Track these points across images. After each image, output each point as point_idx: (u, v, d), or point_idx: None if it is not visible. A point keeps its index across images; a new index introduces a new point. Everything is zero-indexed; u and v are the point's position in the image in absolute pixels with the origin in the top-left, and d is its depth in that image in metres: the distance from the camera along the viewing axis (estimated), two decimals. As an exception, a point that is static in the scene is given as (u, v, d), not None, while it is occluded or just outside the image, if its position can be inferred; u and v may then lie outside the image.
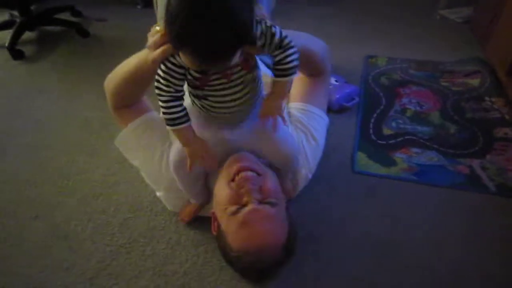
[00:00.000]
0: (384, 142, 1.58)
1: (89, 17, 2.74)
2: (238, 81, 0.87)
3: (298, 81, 1.26)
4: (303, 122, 1.22)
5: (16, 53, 2.23)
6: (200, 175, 1.10)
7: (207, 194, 1.17)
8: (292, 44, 0.84)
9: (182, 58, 0.77)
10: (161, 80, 0.84)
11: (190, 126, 0.91)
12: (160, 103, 0.87)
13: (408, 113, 1.74)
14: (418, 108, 1.77)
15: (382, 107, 1.78)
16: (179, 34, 0.69)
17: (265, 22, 0.81)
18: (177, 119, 0.88)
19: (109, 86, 1.14)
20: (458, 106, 1.77)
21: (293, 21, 2.57)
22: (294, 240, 1.02)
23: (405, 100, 1.82)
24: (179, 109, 0.87)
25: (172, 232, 1.24)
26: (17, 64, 2.20)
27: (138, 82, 1.06)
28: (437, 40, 2.36)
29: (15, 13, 2.42)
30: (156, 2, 1.66)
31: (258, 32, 0.79)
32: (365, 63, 2.12)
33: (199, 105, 0.93)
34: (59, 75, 2.10)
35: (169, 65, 0.82)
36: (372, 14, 2.72)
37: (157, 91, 0.85)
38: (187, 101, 0.92)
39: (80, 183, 1.43)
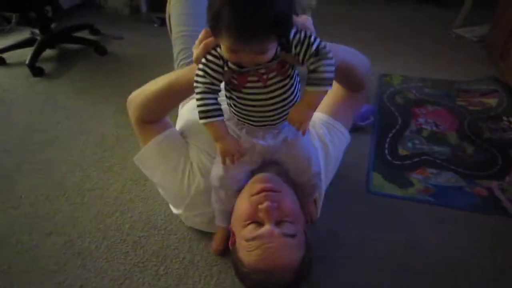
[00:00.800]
0: (400, 163, 1.56)
1: (107, 35, 2.80)
2: (274, 87, 0.88)
3: (332, 90, 1.22)
4: (325, 138, 1.21)
5: (36, 70, 2.29)
6: (240, 184, 1.08)
7: None
8: (331, 55, 0.83)
9: (221, 46, 0.79)
10: (199, 72, 0.86)
11: (223, 121, 0.91)
12: (196, 96, 0.87)
13: (425, 133, 1.72)
14: (434, 128, 1.75)
15: (397, 126, 1.77)
16: (218, 11, 0.71)
17: (306, 32, 0.82)
18: (210, 112, 0.88)
19: (135, 100, 1.16)
20: (475, 126, 1.75)
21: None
22: (308, 265, 1.00)
23: (421, 120, 1.81)
24: (213, 101, 0.88)
25: (185, 251, 1.23)
26: (36, 81, 2.26)
27: (167, 99, 1.10)
28: (453, 58, 2.35)
29: (36, 31, 2.49)
30: (170, 24, 1.70)
31: (296, 39, 0.81)
32: (379, 82, 2.11)
33: (234, 111, 0.95)
34: (77, 92, 2.14)
35: (208, 57, 0.85)
36: (386, 32, 2.72)
37: (194, 84, 0.87)
38: (223, 105, 0.93)
39: (95, 199, 1.44)
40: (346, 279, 1.15)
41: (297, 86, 0.93)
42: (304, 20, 0.88)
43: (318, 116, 1.25)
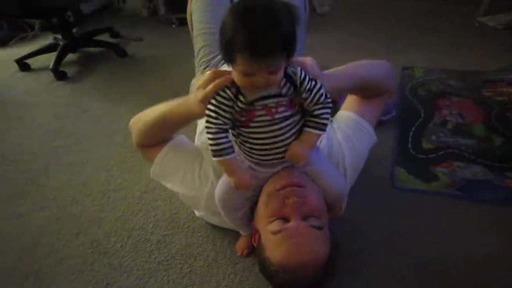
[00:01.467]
0: (424, 156, 1.53)
1: (127, 37, 2.84)
2: (282, 121, 0.90)
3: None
4: (350, 133, 1.20)
5: (59, 74, 2.34)
6: (242, 206, 1.10)
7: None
8: (330, 104, 0.92)
9: (234, 73, 0.83)
10: (211, 114, 0.89)
11: (235, 157, 0.93)
12: (209, 136, 0.90)
13: (449, 126, 1.68)
14: (460, 120, 1.70)
15: (420, 120, 1.73)
16: (232, 37, 0.76)
17: (317, 82, 0.89)
18: (224, 150, 0.90)
19: (136, 125, 1.20)
20: (503, 117, 1.69)
21: (328, 34, 2.56)
22: (334, 262, 0.99)
23: (445, 111, 1.76)
24: (225, 140, 0.90)
25: (209, 249, 1.24)
26: (60, 84, 2.31)
27: (162, 129, 1.15)
28: (477, 48, 2.28)
29: (59, 36, 2.55)
30: (191, 21, 1.71)
31: (307, 85, 0.88)
32: (401, 75, 2.07)
33: (243, 148, 0.98)
34: (100, 94, 2.18)
35: (219, 98, 0.88)
36: (407, 23, 2.66)
37: (206, 124, 0.90)
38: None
39: (120, 199, 1.47)
40: (370, 274, 1.13)
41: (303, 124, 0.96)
42: (308, 61, 0.94)
43: (345, 114, 1.25)
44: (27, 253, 1.29)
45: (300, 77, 0.88)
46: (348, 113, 1.25)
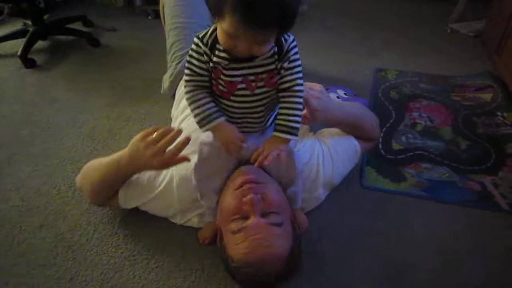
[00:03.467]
0: (393, 157, 1.56)
1: (101, 27, 2.77)
2: (260, 96, 0.93)
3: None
4: (329, 144, 1.28)
5: (28, 62, 2.26)
6: (217, 190, 1.10)
7: None
8: (301, 100, 0.93)
9: (218, 29, 0.82)
10: (186, 71, 0.92)
11: (224, 120, 0.95)
12: (188, 102, 0.93)
13: (419, 128, 1.72)
14: (428, 123, 1.75)
15: (391, 121, 1.76)
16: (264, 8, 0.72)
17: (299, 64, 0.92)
18: (213, 114, 0.93)
19: (84, 186, 1.24)
20: (469, 121, 1.75)
21: (305, 33, 2.57)
22: (298, 255, 1.00)
23: (415, 114, 1.80)
24: (211, 104, 0.93)
25: (177, 245, 1.23)
26: (28, 72, 2.23)
27: (105, 190, 1.21)
28: (448, 54, 2.34)
29: (28, 22, 2.45)
30: (163, 15, 1.68)
31: (292, 57, 0.89)
32: (374, 76, 2.11)
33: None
34: (69, 84, 2.11)
35: (192, 53, 0.90)
36: (383, 27, 2.71)
37: (184, 88, 0.94)
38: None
39: (87, 192, 1.43)
40: (338, 274, 1.14)
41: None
42: (317, 87, 1.03)
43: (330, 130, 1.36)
44: (-14, 245, 1.24)
45: (290, 44, 0.88)
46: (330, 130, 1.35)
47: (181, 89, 1.53)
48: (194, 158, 1.06)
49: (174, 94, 1.61)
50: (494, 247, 1.21)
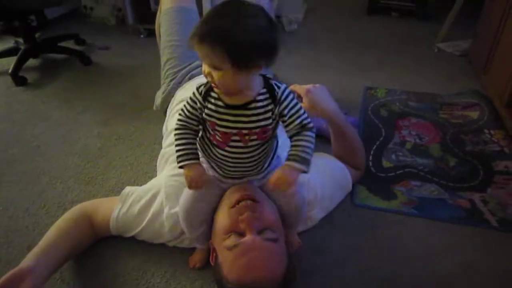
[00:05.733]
0: (384, 175, 1.57)
1: (93, 45, 2.78)
2: (253, 148, 0.96)
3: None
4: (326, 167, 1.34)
5: (19, 80, 2.25)
6: (204, 219, 1.10)
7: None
8: (313, 129, 0.95)
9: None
10: (180, 112, 0.98)
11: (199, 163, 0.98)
12: (174, 137, 0.98)
13: (408, 146, 1.74)
14: (418, 141, 1.77)
15: (381, 139, 1.78)
16: (215, 26, 0.78)
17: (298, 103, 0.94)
18: (191, 155, 0.96)
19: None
20: (457, 139, 1.78)
21: (294, 51, 2.61)
22: (292, 276, 1.00)
23: (404, 132, 1.83)
24: (190, 141, 0.97)
25: (167, 265, 1.21)
26: (19, 90, 2.22)
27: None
28: (436, 72, 2.39)
29: (20, 40, 2.46)
30: (159, 33, 1.70)
31: (288, 104, 0.92)
32: (364, 95, 2.14)
33: (215, 165, 1.03)
34: (61, 102, 2.11)
35: (189, 98, 0.95)
36: (372, 46, 2.76)
37: (176, 122, 0.99)
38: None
39: (76, 212, 1.41)
40: (330, 293, 1.14)
41: (275, 142, 1.03)
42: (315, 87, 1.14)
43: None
44: (-28, 267, 1.22)
45: (284, 91, 0.91)
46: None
47: (172, 106, 1.54)
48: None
49: (166, 111, 1.62)
50: (485, 265, 1.22)
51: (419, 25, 3.11)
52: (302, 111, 0.93)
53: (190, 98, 0.95)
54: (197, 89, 0.94)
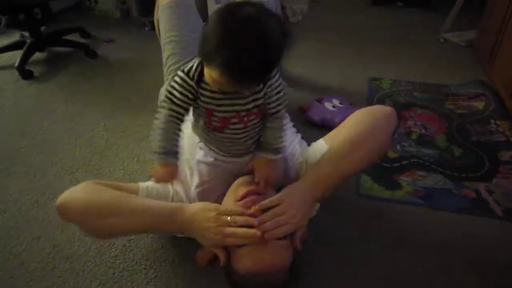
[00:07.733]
0: (389, 165, 1.58)
1: (98, 38, 2.79)
2: (251, 127, 0.98)
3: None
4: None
5: (25, 73, 2.27)
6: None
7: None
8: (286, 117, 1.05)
9: (208, 77, 0.84)
10: (164, 99, 0.95)
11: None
12: (158, 129, 0.97)
13: (413, 136, 1.74)
14: (423, 131, 1.77)
15: (386, 129, 1.78)
16: (214, 51, 0.75)
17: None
18: (175, 153, 0.99)
19: (94, 223, 1.08)
20: (463, 129, 1.77)
21: (299, 41, 2.60)
22: (297, 265, 1.02)
23: (410, 122, 1.83)
24: (175, 136, 0.97)
25: (175, 254, 1.23)
26: (26, 84, 2.24)
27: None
28: (441, 63, 2.38)
29: (26, 34, 2.47)
30: (159, 28, 1.70)
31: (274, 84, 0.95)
32: (369, 86, 2.13)
33: (213, 147, 1.06)
34: (67, 95, 2.13)
35: (176, 83, 0.92)
36: (377, 37, 2.75)
37: (159, 109, 0.97)
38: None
39: (84, 203, 1.43)
40: (335, 282, 1.15)
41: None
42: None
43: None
44: (-16, 257, 1.24)
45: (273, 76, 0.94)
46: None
47: None
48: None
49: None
50: (489, 255, 1.23)
51: (425, 15, 3.08)
52: (282, 93, 0.97)
53: (178, 84, 0.90)
54: (187, 74, 0.89)
